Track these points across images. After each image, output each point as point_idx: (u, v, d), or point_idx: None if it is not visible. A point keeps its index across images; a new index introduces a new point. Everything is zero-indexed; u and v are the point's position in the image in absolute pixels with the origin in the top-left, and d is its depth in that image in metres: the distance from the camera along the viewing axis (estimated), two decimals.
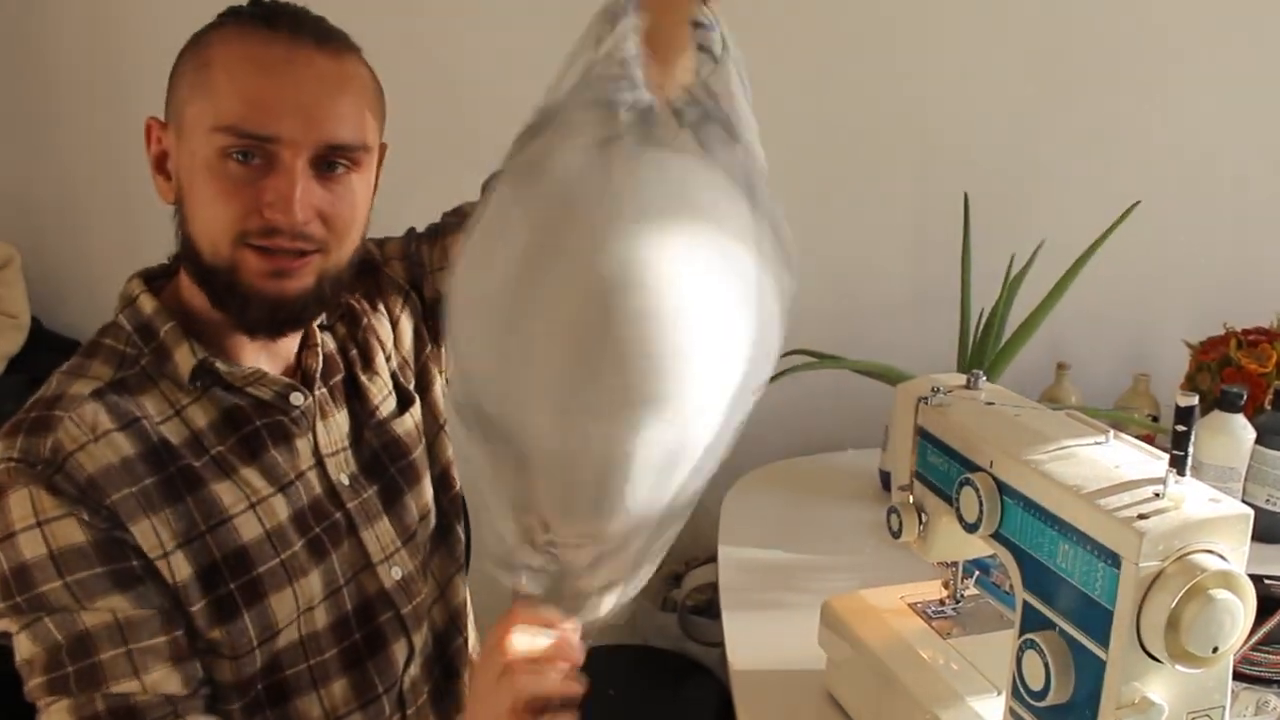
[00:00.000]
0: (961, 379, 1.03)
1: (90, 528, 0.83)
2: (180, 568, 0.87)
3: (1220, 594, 0.72)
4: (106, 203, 2.02)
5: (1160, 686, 0.76)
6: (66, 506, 0.83)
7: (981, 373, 1.03)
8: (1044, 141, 1.99)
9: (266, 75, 0.86)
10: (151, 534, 0.86)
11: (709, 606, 1.96)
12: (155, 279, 0.98)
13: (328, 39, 0.90)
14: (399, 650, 1.03)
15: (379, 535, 1.02)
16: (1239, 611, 0.73)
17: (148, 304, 0.94)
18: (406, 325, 1.13)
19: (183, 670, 0.86)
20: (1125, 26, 1.94)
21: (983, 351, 1.62)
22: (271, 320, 0.92)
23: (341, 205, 0.91)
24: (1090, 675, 0.78)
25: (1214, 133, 1.99)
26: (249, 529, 0.91)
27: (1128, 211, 1.58)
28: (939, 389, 1.00)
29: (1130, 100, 1.97)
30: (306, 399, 0.98)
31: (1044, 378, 1.87)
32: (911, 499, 1.03)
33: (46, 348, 1.96)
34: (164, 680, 0.85)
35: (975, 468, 0.91)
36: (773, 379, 1.70)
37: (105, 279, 1.96)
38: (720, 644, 1.24)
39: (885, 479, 1.65)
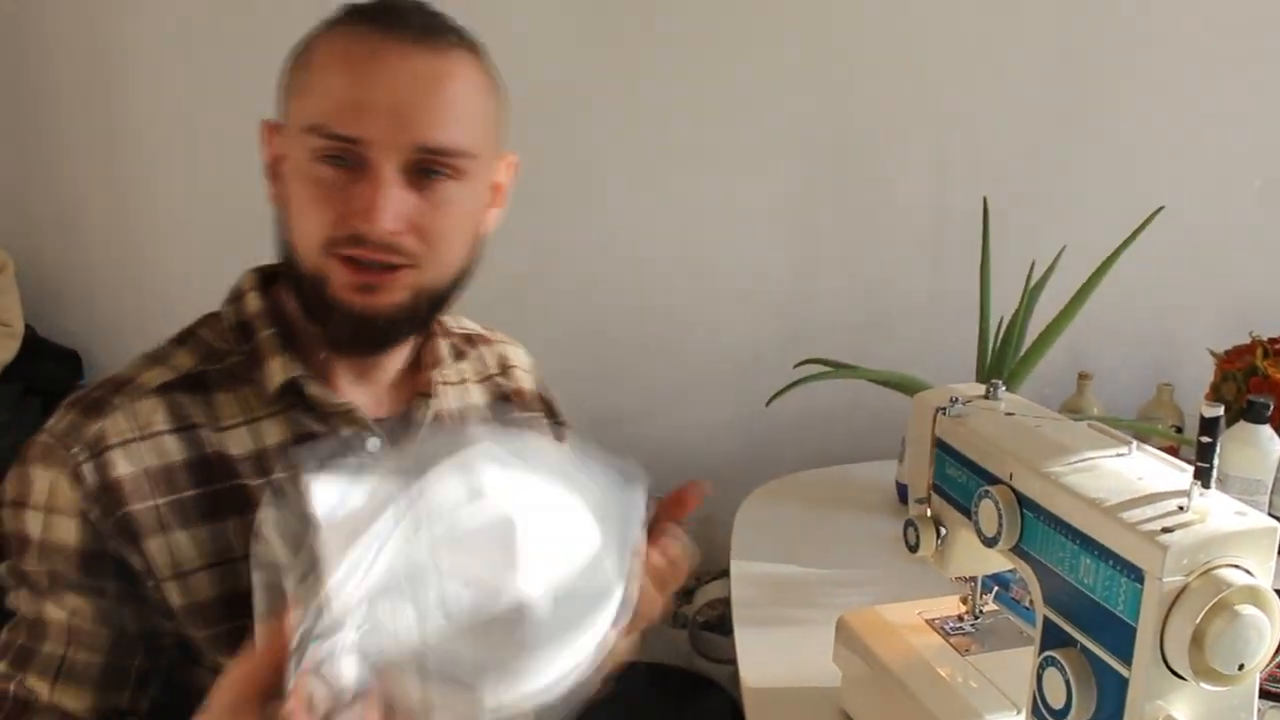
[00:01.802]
0: (980, 389, 1.02)
1: (91, 531, 0.82)
2: (203, 588, 0.85)
3: (1246, 610, 0.71)
4: (102, 209, 2.02)
5: (1184, 705, 0.75)
6: (80, 502, 0.82)
7: (1001, 382, 1.02)
8: (1065, 146, 1.97)
9: (354, 72, 0.82)
10: (166, 551, 0.84)
11: (721, 622, 1.95)
12: (270, 278, 0.94)
13: (430, 34, 0.85)
14: None
15: None
16: (1266, 628, 0.72)
17: (253, 303, 0.92)
18: None
19: (103, 697, 0.84)
20: (1148, 29, 1.93)
21: (1002, 361, 1.60)
22: (354, 337, 0.88)
23: (438, 216, 0.86)
24: (1112, 693, 0.77)
25: (1239, 138, 1.97)
26: None
27: (1151, 217, 1.56)
28: (957, 399, 0.99)
29: (1153, 104, 1.96)
30: (383, 446, 0.92)
31: (1065, 388, 1.85)
32: (929, 512, 1.03)
33: (40, 356, 1.97)
34: (73, 698, 0.83)
35: (994, 480, 0.90)
36: (786, 389, 1.68)
37: (100, 286, 1.96)
38: (732, 661, 1.23)
39: (902, 491, 1.63)
